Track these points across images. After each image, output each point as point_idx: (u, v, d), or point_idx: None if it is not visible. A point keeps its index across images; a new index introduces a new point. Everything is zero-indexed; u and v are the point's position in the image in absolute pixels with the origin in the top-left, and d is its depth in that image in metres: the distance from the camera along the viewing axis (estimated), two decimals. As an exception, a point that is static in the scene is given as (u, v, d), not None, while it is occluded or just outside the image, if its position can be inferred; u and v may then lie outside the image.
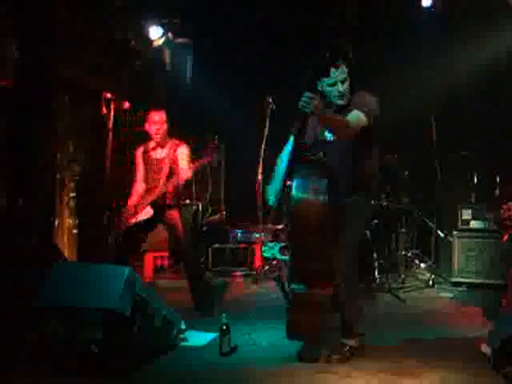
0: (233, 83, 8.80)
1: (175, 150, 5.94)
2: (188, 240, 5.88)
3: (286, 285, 4.48)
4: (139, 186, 6.03)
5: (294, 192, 4.23)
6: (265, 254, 7.71)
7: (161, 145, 5.97)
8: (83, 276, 4.43)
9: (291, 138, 4.61)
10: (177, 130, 6.22)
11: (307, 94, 4.00)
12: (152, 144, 6.00)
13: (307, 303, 4.30)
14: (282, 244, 7.37)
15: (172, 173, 5.85)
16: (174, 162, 5.90)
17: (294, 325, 4.40)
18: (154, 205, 5.79)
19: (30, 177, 6.27)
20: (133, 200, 5.94)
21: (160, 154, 5.97)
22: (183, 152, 5.95)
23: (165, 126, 5.96)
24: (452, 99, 8.23)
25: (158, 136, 5.93)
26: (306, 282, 4.30)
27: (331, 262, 4.27)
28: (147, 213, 5.81)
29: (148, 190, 5.90)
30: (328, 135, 4.54)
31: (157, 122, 5.90)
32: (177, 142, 6.03)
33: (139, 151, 6.07)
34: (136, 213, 5.82)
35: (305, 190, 4.23)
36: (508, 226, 5.15)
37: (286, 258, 4.53)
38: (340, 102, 4.43)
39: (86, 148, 7.20)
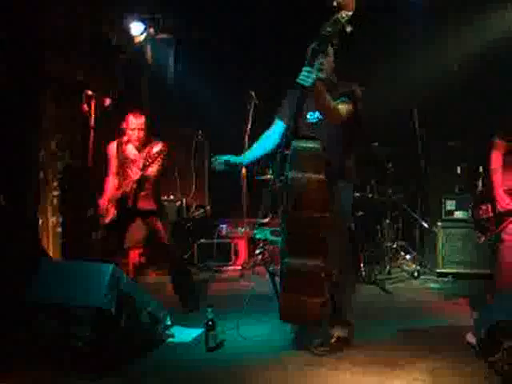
0: (215, 78, 8.76)
1: (150, 150, 5.72)
2: (168, 236, 5.84)
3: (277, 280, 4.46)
4: (111, 182, 5.90)
5: (292, 166, 4.22)
6: (257, 236, 7.71)
7: (138, 148, 5.87)
8: (69, 273, 4.42)
9: (277, 120, 4.70)
10: (159, 127, 6.17)
11: (307, 68, 4.02)
12: (126, 139, 5.90)
13: (301, 276, 4.23)
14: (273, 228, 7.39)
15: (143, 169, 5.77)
16: (150, 158, 5.61)
17: (287, 305, 4.35)
18: (123, 202, 5.75)
19: (13, 176, 6.22)
20: (106, 197, 5.87)
21: (135, 154, 5.87)
22: (157, 151, 5.79)
23: (143, 132, 5.81)
24: (436, 89, 8.23)
25: (137, 142, 5.84)
26: (301, 252, 4.25)
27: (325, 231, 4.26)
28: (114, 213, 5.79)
29: (118, 188, 5.84)
30: (310, 118, 4.55)
31: (134, 128, 5.78)
32: (156, 142, 5.82)
33: (112, 145, 5.92)
34: (109, 211, 5.78)
35: (302, 163, 4.23)
36: (485, 227, 5.15)
37: (278, 239, 4.52)
38: (320, 75, 4.42)
39: (69, 145, 7.15)
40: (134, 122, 5.79)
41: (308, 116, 4.56)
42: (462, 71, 8.02)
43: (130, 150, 5.88)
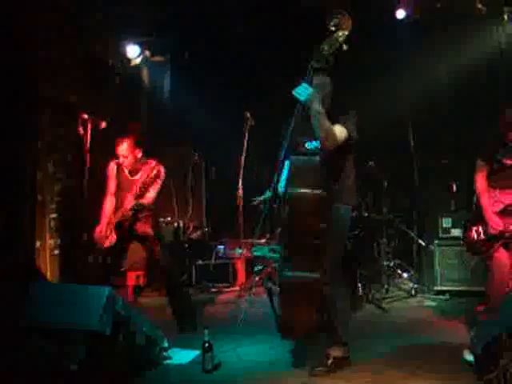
0: (211, 99, 8.81)
1: (150, 173, 5.75)
2: (166, 258, 5.84)
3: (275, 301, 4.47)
4: (109, 203, 5.91)
5: (289, 181, 4.26)
6: (255, 254, 7.74)
7: (134, 171, 5.89)
8: (63, 296, 4.40)
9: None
10: (156, 148, 6.20)
11: (304, 84, 4.15)
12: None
13: (298, 288, 4.27)
14: (271, 246, 7.42)
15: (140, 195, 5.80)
16: (146, 184, 5.71)
17: (286, 318, 4.35)
18: (119, 227, 5.76)
19: (10, 198, 6.24)
20: (103, 221, 5.87)
21: (134, 175, 5.88)
22: (157, 176, 5.81)
23: (128, 158, 5.81)
24: (431, 107, 8.28)
25: (127, 168, 5.85)
26: (299, 264, 4.27)
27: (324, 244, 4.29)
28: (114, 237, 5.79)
29: (115, 209, 5.85)
30: (308, 147, 4.58)
31: (120, 155, 5.80)
32: (153, 163, 5.84)
33: (112, 166, 5.92)
34: (107, 235, 5.77)
35: (300, 178, 4.26)
36: (477, 249, 5.17)
37: (276, 255, 4.56)
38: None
39: (66, 168, 7.18)
40: (119, 149, 5.81)
41: (306, 146, 4.59)
42: (455, 89, 8.06)
43: (126, 172, 5.91)
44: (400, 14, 8.20)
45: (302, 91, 4.15)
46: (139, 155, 5.87)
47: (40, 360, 4.17)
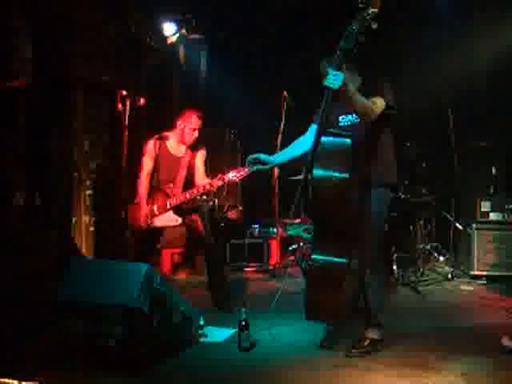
0: (248, 79, 8.77)
1: (195, 151, 5.88)
2: (209, 235, 5.85)
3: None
4: (145, 182, 5.96)
5: (318, 162, 4.19)
6: (290, 232, 7.74)
7: (189, 147, 5.95)
8: (101, 273, 4.43)
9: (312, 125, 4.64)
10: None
11: (333, 70, 4.00)
12: (172, 139, 5.94)
13: (327, 273, 4.26)
14: (306, 226, 7.40)
15: (189, 174, 5.85)
16: (192, 162, 5.88)
17: (313, 302, 4.36)
18: (176, 211, 5.80)
19: (47, 175, 6.29)
20: (143, 200, 5.89)
21: (179, 152, 5.91)
22: (202, 154, 5.92)
23: (197, 133, 5.96)
24: (470, 88, 8.14)
25: (190, 141, 5.92)
26: (328, 249, 4.26)
27: (351, 230, 4.25)
28: (170, 219, 5.80)
29: (161, 187, 5.86)
30: (342, 121, 4.52)
31: (195, 128, 5.90)
32: (199, 148, 6.04)
33: (152, 143, 5.98)
34: (154, 215, 5.79)
35: (327, 160, 4.22)
36: None
37: (309, 236, 4.56)
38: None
39: (102, 145, 7.22)
40: (196, 122, 5.86)
41: (340, 119, 4.53)
42: (496, 70, 7.91)
43: (175, 146, 5.93)
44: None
45: (334, 79, 3.99)
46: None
47: (73, 337, 4.21)
